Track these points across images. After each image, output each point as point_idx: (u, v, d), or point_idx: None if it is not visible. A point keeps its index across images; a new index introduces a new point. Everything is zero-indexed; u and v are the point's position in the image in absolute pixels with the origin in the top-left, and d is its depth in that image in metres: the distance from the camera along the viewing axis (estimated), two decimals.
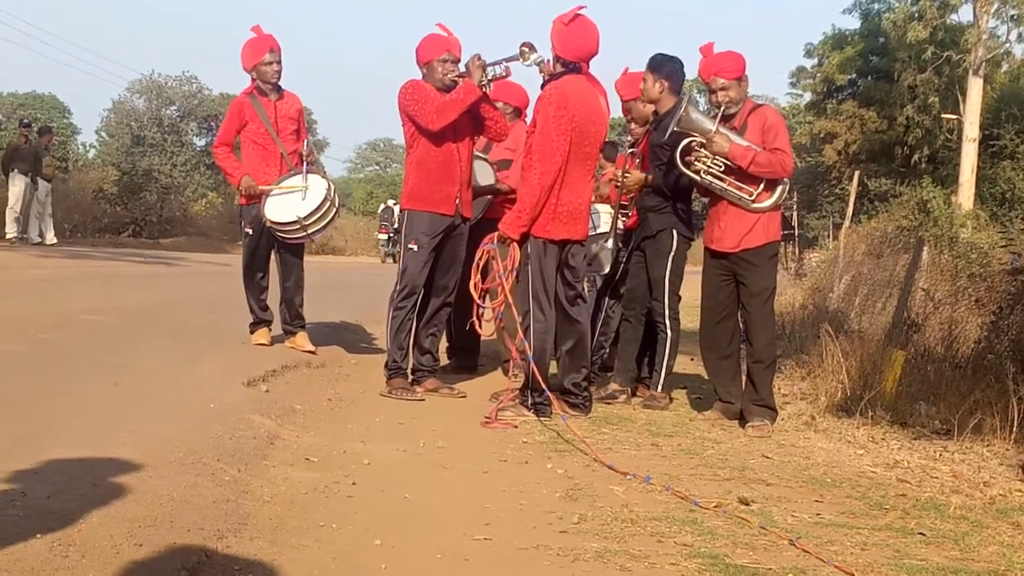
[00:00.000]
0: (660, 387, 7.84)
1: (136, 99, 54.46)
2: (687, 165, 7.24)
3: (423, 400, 7.42)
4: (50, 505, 3.90)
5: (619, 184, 7.99)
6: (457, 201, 7.49)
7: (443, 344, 8.65)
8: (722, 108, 7.22)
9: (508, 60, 7.36)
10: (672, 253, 7.77)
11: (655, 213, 7.79)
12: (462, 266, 7.64)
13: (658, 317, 7.85)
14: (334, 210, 8.29)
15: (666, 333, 7.80)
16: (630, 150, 8.32)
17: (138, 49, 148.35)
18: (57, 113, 58.03)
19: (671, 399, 8.00)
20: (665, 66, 7.80)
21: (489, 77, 7.33)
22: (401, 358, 7.55)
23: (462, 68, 7.39)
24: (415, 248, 7.43)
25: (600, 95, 7.13)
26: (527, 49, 7.16)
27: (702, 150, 7.17)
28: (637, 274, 7.97)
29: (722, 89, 7.22)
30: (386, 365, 7.57)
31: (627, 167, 8.05)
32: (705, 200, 7.59)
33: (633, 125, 8.34)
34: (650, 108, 7.95)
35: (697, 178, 7.22)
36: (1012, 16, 28.58)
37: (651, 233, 7.80)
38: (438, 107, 7.27)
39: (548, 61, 7.08)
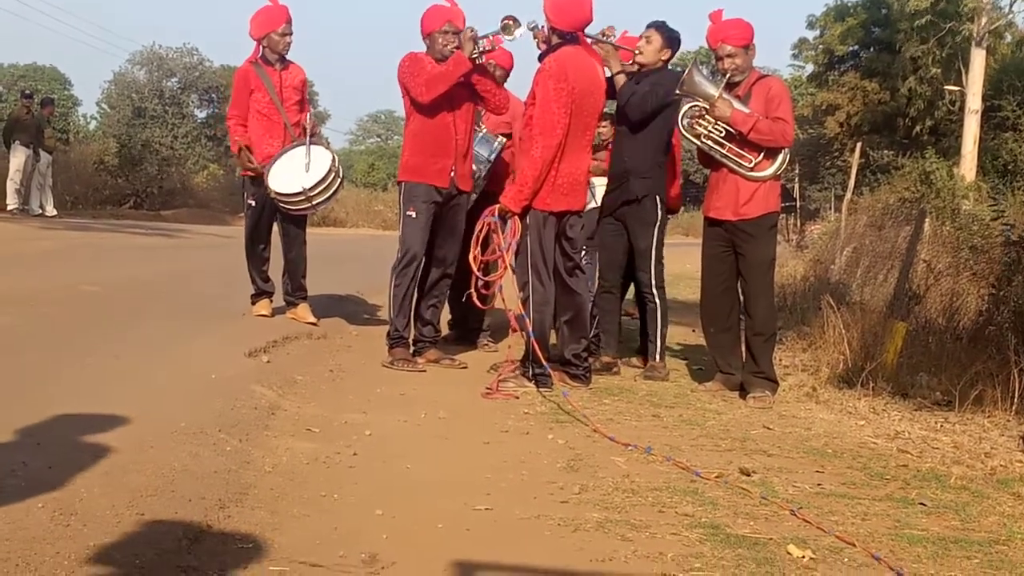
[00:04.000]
0: (658, 356, 7.83)
1: (137, 71, 54.25)
2: (689, 129, 7.24)
3: (424, 371, 7.43)
4: (52, 475, 3.91)
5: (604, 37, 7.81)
6: (452, 174, 7.48)
7: (445, 315, 8.66)
8: (727, 75, 7.20)
9: (495, 34, 7.32)
10: (658, 222, 7.72)
11: (638, 178, 7.70)
12: (462, 238, 7.65)
13: (645, 288, 7.82)
14: (339, 181, 8.26)
15: (655, 303, 7.77)
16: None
17: (139, 20, 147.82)
18: (58, 85, 57.94)
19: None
20: (676, 42, 7.82)
21: (480, 49, 7.30)
22: (403, 327, 7.55)
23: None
24: (413, 215, 7.42)
25: (597, 64, 7.11)
26: (511, 23, 7.12)
27: (704, 114, 7.16)
28: (613, 242, 7.90)
29: (728, 56, 7.18)
30: (388, 334, 7.58)
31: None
32: (707, 172, 7.57)
33: None
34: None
35: (697, 142, 7.22)
36: None
37: (633, 198, 7.71)
38: (427, 79, 7.27)
39: (542, 27, 7.06)
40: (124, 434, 4.62)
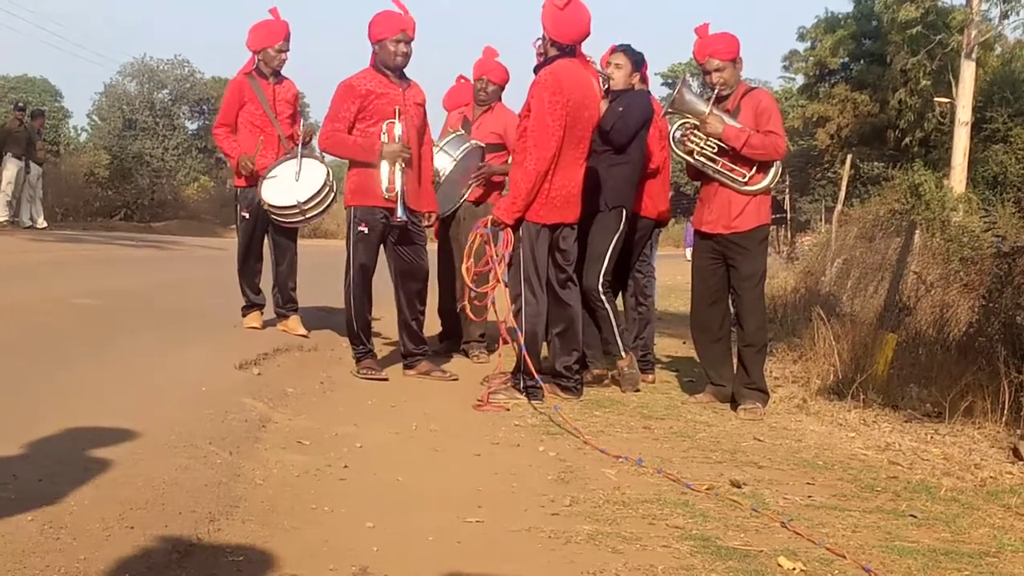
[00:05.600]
0: (623, 353, 7.74)
1: (128, 83, 54.30)
2: (680, 145, 7.26)
3: (386, 379, 7.48)
4: (41, 488, 3.90)
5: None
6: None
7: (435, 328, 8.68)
8: (716, 89, 7.21)
9: (392, 196, 7.44)
10: (618, 232, 7.68)
11: (611, 192, 7.61)
12: (425, 251, 7.70)
13: (592, 293, 7.64)
14: (332, 195, 8.26)
15: (605, 309, 7.66)
16: None
17: (129, 32, 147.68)
18: (48, 96, 57.92)
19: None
20: (643, 66, 7.90)
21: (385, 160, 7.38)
22: (367, 338, 7.61)
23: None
24: (366, 230, 7.40)
25: (593, 78, 7.12)
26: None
27: (696, 131, 7.18)
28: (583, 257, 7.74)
29: (716, 70, 7.19)
30: (354, 352, 7.64)
31: None
32: (697, 184, 7.57)
33: None
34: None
35: (690, 159, 7.23)
36: None
37: (603, 208, 7.61)
38: (334, 136, 7.40)
39: (539, 40, 7.10)
40: (114, 446, 4.61)
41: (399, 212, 7.33)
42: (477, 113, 8.73)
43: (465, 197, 8.47)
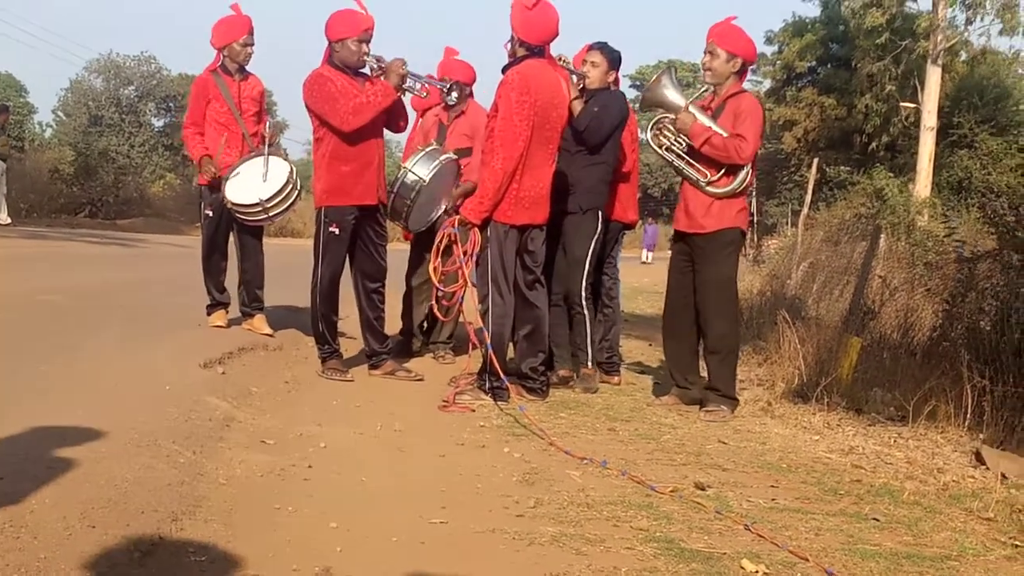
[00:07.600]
0: (589, 363, 7.77)
1: (94, 79, 53.87)
2: (654, 139, 7.27)
3: (352, 380, 7.45)
4: (2, 487, 3.87)
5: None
6: (377, 189, 7.47)
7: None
8: (703, 76, 7.25)
9: (434, 84, 7.61)
10: (596, 235, 7.70)
11: (585, 192, 7.65)
12: (385, 248, 7.68)
13: (574, 299, 7.71)
14: (296, 192, 8.21)
15: (583, 314, 7.71)
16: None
17: (95, 28, 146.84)
18: (13, 92, 57.34)
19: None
20: (619, 63, 7.91)
21: (405, 86, 7.35)
22: (333, 339, 7.59)
23: (376, 52, 7.35)
24: (337, 232, 7.36)
25: (562, 79, 7.12)
26: (455, 90, 7.67)
27: (669, 125, 7.19)
28: (558, 256, 7.79)
29: (709, 52, 7.18)
30: (320, 352, 7.61)
31: None
32: (664, 186, 7.59)
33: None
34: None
35: (660, 152, 7.24)
36: (966, 2, 28.64)
37: (576, 210, 7.65)
38: (354, 107, 7.16)
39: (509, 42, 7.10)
40: (76, 445, 4.57)
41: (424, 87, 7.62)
42: (451, 117, 8.69)
43: (439, 214, 8.35)
